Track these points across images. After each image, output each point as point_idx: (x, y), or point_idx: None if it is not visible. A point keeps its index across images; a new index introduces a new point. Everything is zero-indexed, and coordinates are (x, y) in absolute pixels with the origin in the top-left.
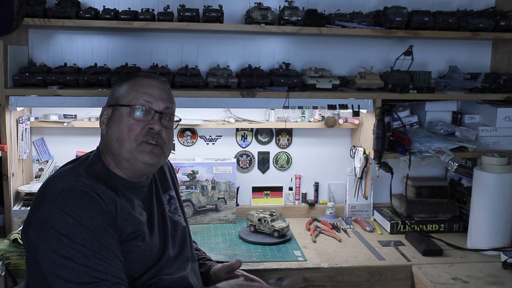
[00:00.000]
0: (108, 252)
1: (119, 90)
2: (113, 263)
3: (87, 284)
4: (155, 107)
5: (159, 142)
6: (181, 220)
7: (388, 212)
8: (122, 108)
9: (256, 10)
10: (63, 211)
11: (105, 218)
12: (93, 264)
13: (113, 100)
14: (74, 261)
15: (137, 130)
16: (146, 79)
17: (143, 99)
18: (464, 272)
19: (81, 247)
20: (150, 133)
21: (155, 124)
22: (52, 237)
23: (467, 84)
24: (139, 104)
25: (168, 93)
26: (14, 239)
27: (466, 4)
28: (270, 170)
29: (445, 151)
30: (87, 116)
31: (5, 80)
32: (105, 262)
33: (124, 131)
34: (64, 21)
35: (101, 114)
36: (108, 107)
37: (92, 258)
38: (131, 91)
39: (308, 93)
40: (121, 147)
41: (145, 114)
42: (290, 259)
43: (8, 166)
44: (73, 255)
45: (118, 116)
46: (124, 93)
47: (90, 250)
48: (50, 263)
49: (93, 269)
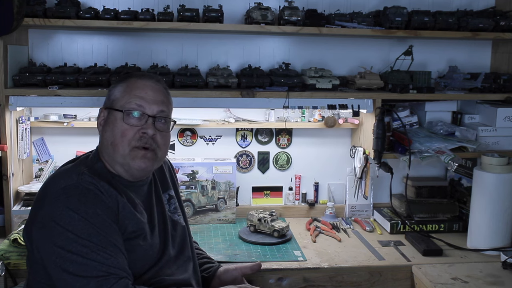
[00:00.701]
0: (114, 248)
1: (114, 92)
2: (120, 258)
3: (95, 278)
4: (148, 112)
5: (153, 146)
6: (180, 220)
7: (388, 212)
8: (116, 112)
9: (256, 10)
10: (68, 208)
11: (110, 214)
12: (100, 258)
13: (108, 102)
14: (82, 256)
15: (130, 135)
16: (140, 80)
17: (135, 104)
18: (464, 272)
19: (88, 242)
20: (144, 137)
21: (149, 129)
22: (58, 233)
23: (467, 84)
24: (132, 108)
25: (163, 93)
26: (14, 239)
27: (466, 4)
28: (270, 170)
29: (445, 151)
30: (87, 116)
31: (5, 80)
32: (112, 257)
33: (117, 136)
34: (64, 21)
35: (98, 115)
36: (105, 109)
37: (99, 253)
38: (124, 94)
39: (308, 93)
40: (115, 151)
41: (138, 119)
42: (290, 259)
43: (8, 166)
44: (81, 250)
45: (112, 120)
46: (119, 96)
47: (97, 245)
48: (57, 259)
49: (101, 263)
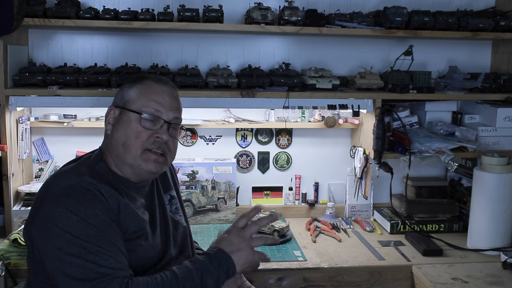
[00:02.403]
0: (113, 247)
1: (128, 93)
2: (119, 258)
3: (91, 281)
4: (164, 117)
5: (165, 151)
6: (182, 220)
7: (388, 212)
8: (131, 113)
9: (256, 10)
10: (67, 209)
11: (109, 215)
12: (98, 259)
13: (121, 102)
14: (80, 257)
15: (144, 138)
16: (157, 84)
17: (153, 108)
18: (464, 272)
19: (86, 243)
20: (157, 142)
21: (163, 134)
22: (57, 235)
23: (467, 84)
24: (149, 112)
25: (177, 100)
26: (14, 239)
27: (466, 4)
28: (270, 170)
29: (445, 151)
30: (87, 116)
31: (5, 80)
32: (110, 257)
33: (131, 137)
34: (64, 21)
35: (107, 113)
36: (116, 107)
37: (97, 254)
38: (141, 96)
39: (308, 93)
40: (126, 152)
41: (154, 123)
42: (290, 259)
43: (8, 166)
44: (78, 252)
45: (126, 121)
46: (134, 97)
47: (95, 245)
48: (56, 261)
49: (98, 264)
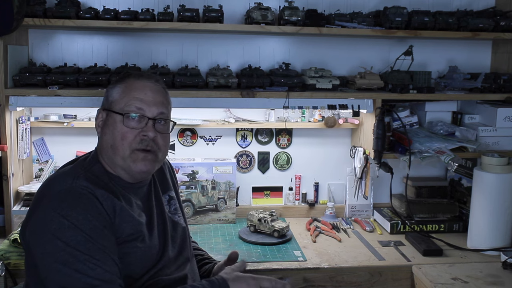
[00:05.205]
0: (103, 255)
1: (112, 93)
2: (107, 267)
3: None
4: (148, 114)
5: (154, 148)
6: (181, 221)
7: (388, 212)
8: (115, 115)
9: (256, 10)
10: (59, 214)
11: (102, 220)
12: (86, 269)
13: (107, 104)
14: (68, 266)
15: (130, 138)
16: (138, 80)
17: (135, 106)
18: (464, 272)
19: (75, 251)
20: (144, 140)
21: (149, 131)
22: (48, 240)
23: (467, 84)
24: (131, 111)
25: (162, 94)
26: (14, 239)
27: (466, 4)
28: (270, 170)
29: (445, 151)
30: (87, 116)
31: (5, 80)
32: (98, 267)
33: (117, 139)
34: (64, 21)
35: (96, 116)
36: (103, 110)
37: (85, 263)
38: (123, 95)
39: (308, 93)
40: (115, 154)
41: (138, 121)
42: (290, 259)
43: (8, 166)
44: (67, 260)
45: (112, 123)
46: (117, 98)
47: (84, 254)
48: (45, 267)
49: (85, 274)
